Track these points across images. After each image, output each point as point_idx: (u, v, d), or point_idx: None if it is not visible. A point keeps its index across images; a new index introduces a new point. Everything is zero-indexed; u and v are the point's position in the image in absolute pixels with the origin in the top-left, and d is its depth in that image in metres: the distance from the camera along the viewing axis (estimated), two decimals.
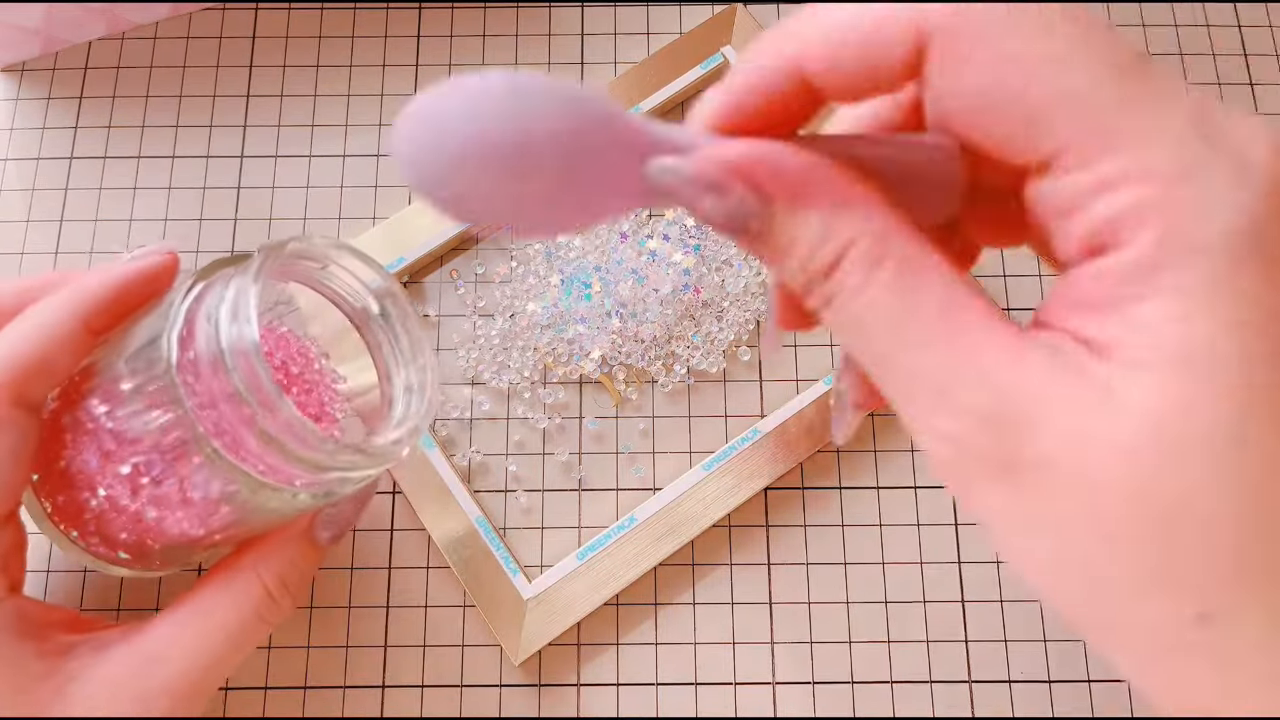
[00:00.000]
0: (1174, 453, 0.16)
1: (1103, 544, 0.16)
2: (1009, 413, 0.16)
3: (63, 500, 0.28)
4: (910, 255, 0.17)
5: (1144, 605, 0.16)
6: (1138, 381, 0.16)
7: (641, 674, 0.34)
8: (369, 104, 0.40)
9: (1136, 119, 0.16)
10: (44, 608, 0.29)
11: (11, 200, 0.39)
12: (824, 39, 0.17)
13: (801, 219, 0.17)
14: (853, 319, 0.17)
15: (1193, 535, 0.16)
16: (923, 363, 0.17)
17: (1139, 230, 0.16)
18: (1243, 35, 0.41)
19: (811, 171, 0.17)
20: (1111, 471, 0.16)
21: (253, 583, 0.28)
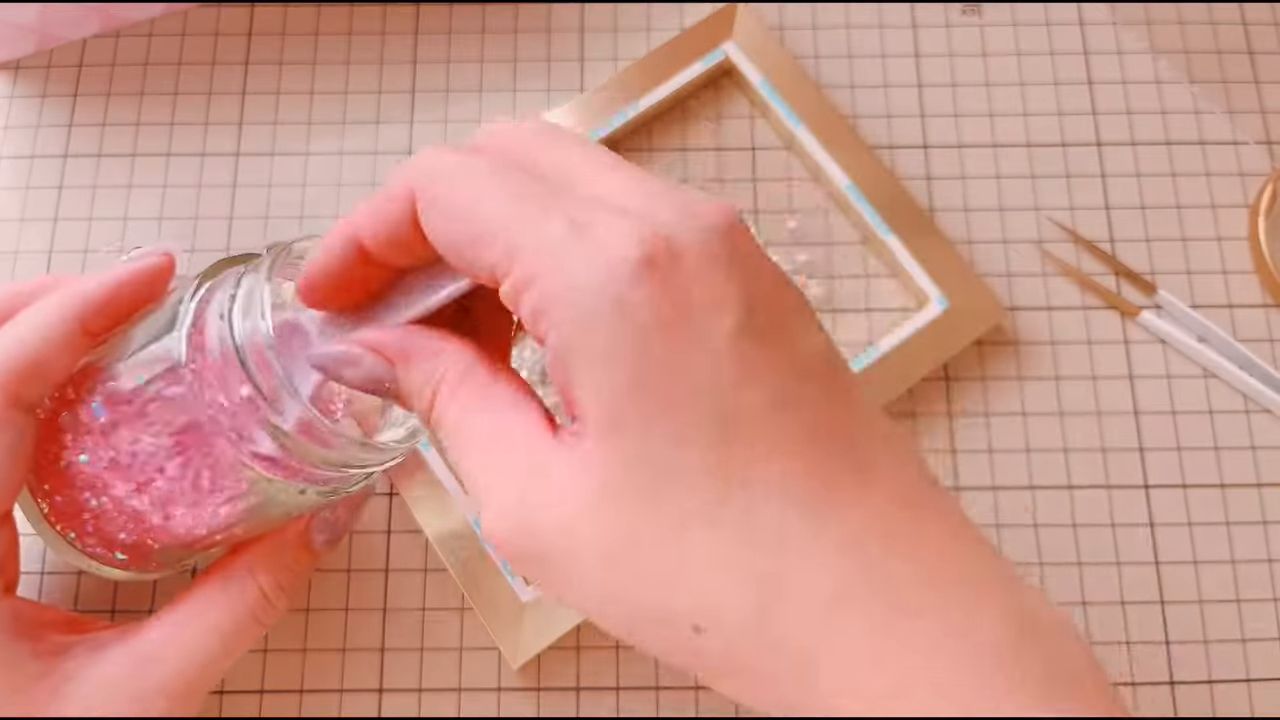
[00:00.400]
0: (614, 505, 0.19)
1: (604, 606, 0.20)
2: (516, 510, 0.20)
3: (61, 500, 0.28)
4: (479, 383, 0.21)
5: (656, 634, 0.19)
6: (587, 453, 0.19)
7: (642, 677, 0.34)
8: (366, 101, 0.40)
9: (528, 236, 0.19)
10: (39, 608, 0.29)
11: (6, 198, 0.39)
12: (368, 209, 0.22)
13: (414, 370, 0.22)
14: (447, 434, 0.22)
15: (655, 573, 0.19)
16: (477, 465, 0.21)
17: (547, 325, 0.19)
18: (1247, 34, 0.41)
19: (410, 337, 0.23)
20: (581, 541, 0.19)
21: (248, 584, 0.28)
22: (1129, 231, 0.38)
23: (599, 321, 0.19)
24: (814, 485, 0.19)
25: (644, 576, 0.19)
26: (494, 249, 0.20)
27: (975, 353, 0.37)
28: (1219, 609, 0.34)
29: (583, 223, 0.19)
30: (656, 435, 0.19)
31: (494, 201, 0.20)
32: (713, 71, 0.39)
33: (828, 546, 0.19)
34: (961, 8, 0.41)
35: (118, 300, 0.28)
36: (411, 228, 0.22)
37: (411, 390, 0.22)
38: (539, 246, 0.19)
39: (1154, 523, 0.35)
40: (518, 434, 0.21)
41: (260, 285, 0.24)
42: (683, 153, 0.39)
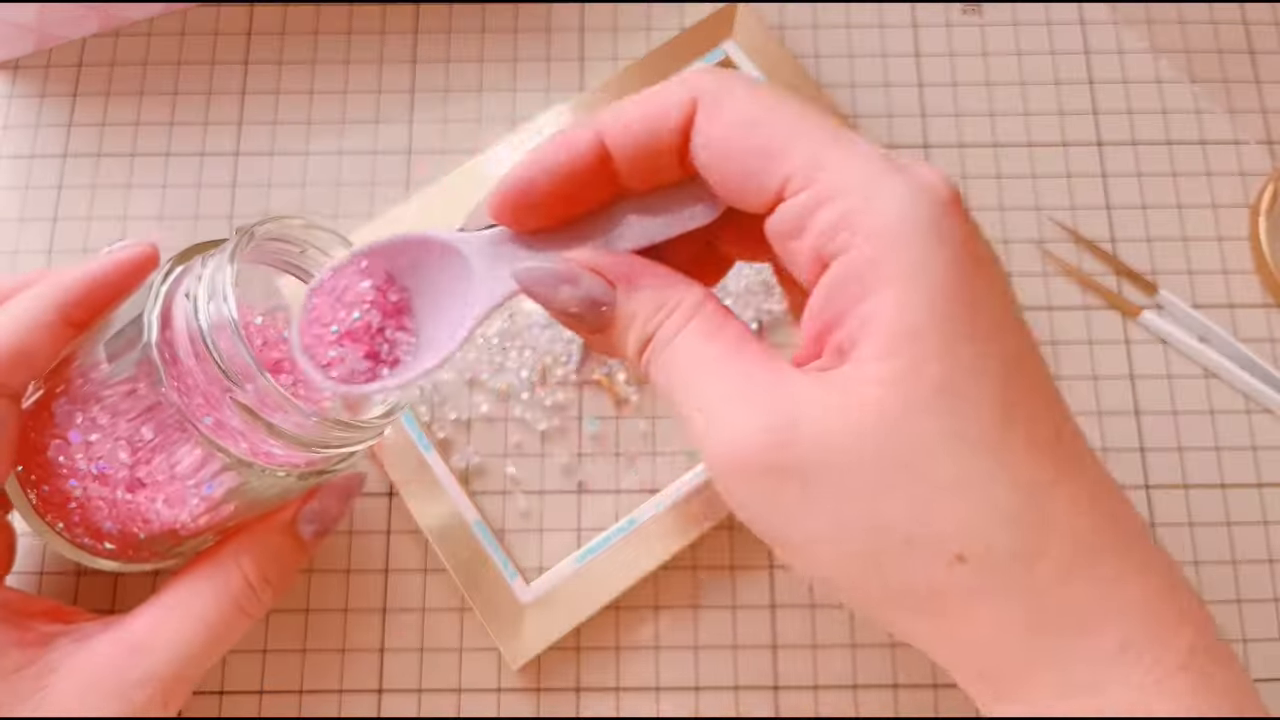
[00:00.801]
0: (906, 421, 0.19)
1: (859, 519, 0.19)
2: (770, 421, 0.20)
3: (48, 491, 0.28)
4: (710, 316, 0.22)
5: (907, 562, 0.19)
6: (871, 370, 0.19)
7: (642, 678, 0.34)
8: (366, 100, 0.40)
9: (840, 150, 0.20)
10: (26, 598, 0.29)
11: (4, 198, 0.39)
12: (621, 113, 0.22)
13: (640, 295, 0.22)
14: (668, 360, 0.22)
15: (935, 488, 0.19)
16: (715, 392, 0.21)
17: (851, 235, 0.19)
18: (1249, 33, 0.41)
19: (637, 263, 0.23)
20: (852, 447, 0.19)
21: (233, 574, 0.28)
22: (1130, 231, 0.38)
23: (916, 240, 0.19)
24: (1054, 449, 0.20)
25: (912, 495, 0.19)
26: (792, 159, 0.20)
27: None
28: (1219, 609, 0.34)
29: (893, 160, 0.20)
30: (956, 357, 0.19)
31: (791, 115, 0.21)
32: None
33: (1071, 508, 0.19)
34: (962, 7, 0.41)
35: (99, 290, 0.28)
36: (675, 140, 0.22)
37: (632, 315, 0.22)
38: (855, 165, 0.20)
39: (1155, 523, 0.35)
40: (760, 361, 0.21)
41: (224, 266, 0.24)
42: None
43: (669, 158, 0.22)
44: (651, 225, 0.23)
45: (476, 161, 0.38)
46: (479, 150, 0.39)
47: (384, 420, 0.27)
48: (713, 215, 0.23)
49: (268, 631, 0.34)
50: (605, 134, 0.22)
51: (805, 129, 0.20)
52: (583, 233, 0.24)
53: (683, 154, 0.22)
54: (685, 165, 0.22)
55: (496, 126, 0.39)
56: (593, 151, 0.22)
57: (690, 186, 0.23)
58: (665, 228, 0.23)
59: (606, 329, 0.23)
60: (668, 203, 0.23)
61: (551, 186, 0.23)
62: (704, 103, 0.21)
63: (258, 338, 0.30)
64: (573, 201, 0.23)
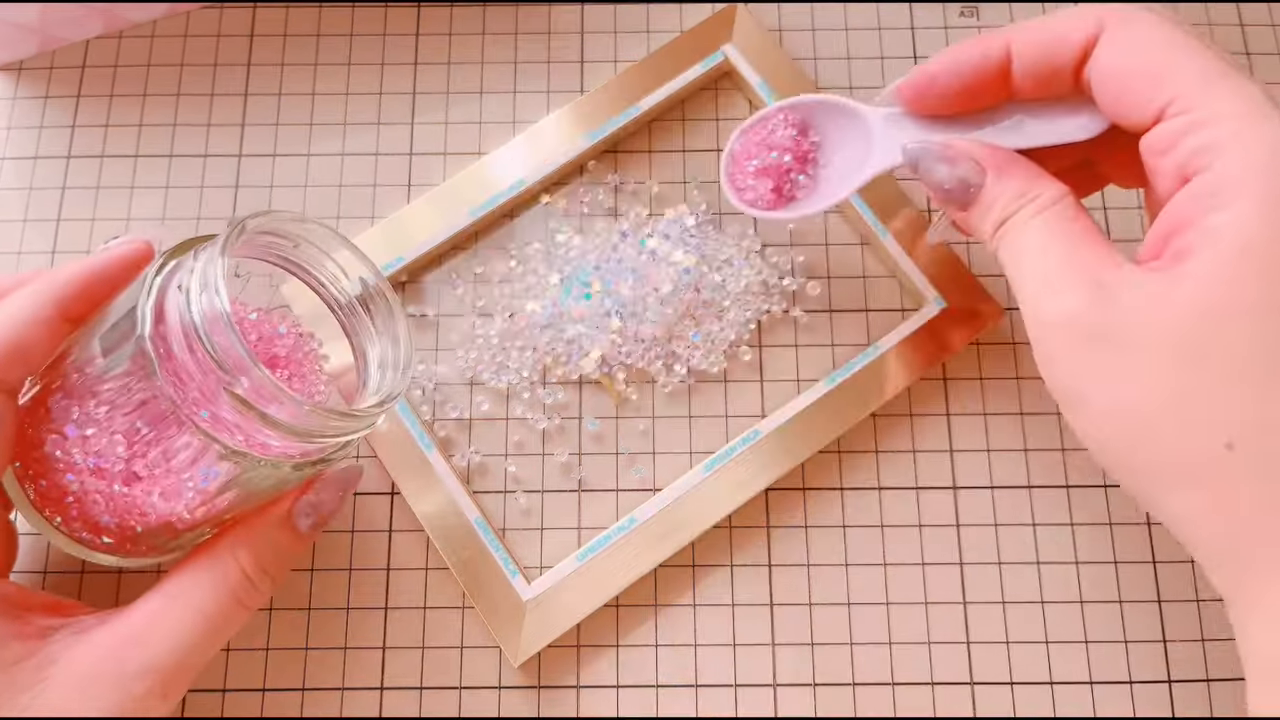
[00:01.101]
0: (1220, 319, 0.22)
1: (1154, 391, 0.22)
2: (1100, 296, 0.23)
3: (45, 485, 0.28)
4: (1065, 209, 0.25)
5: (1182, 439, 0.22)
6: (1200, 270, 0.22)
7: (642, 676, 0.34)
8: (367, 102, 0.40)
9: (1225, 83, 0.23)
10: (25, 592, 0.29)
11: (8, 199, 0.39)
12: (1032, 26, 0.26)
13: (1009, 182, 0.26)
14: (1017, 239, 0.25)
15: (1227, 380, 0.22)
16: (1053, 267, 0.24)
17: (1217, 157, 0.22)
18: (1245, 35, 0.41)
19: (1011, 156, 0.27)
20: (1168, 330, 0.22)
21: (230, 565, 0.28)
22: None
23: (1274, 173, 0.22)
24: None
25: (1206, 380, 0.22)
26: (1179, 86, 0.23)
27: (973, 353, 0.37)
28: (1215, 608, 0.34)
29: (1273, 96, 0.23)
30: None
31: (1187, 48, 0.23)
32: (712, 73, 0.39)
33: None
34: (960, 9, 0.42)
35: (95, 286, 0.28)
36: (1075, 56, 0.25)
37: (996, 199, 0.26)
38: (1237, 99, 0.23)
39: (1150, 521, 0.35)
40: (1100, 250, 0.24)
41: (216, 259, 0.25)
42: (682, 154, 0.39)
43: (1065, 72, 0.25)
44: (1037, 130, 0.27)
45: (478, 163, 0.38)
46: (480, 152, 0.39)
47: (377, 409, 0.27)
48: (1095, 131, 0.26)
49: (270, 629, 0.34)
50: (1013, 42, 0.26)
51: (1195, 61, 0.23)
52: (973, 124, 0.28)
53: (1077, 71, 0.25)
54: (1077, 82, 0.26)
55: (497, 128, 0.40)
56: (998, 55, 0.26)
57: (1077, 101, 0.26)
58: (1050, 134, 0.27)
59: (970, 207, 0.27)
60: (1055, 113, 0.27)
61: (955, 80, 0.27)
62: (1111, 23, 0.24)
63: (253, 333, 0.30)
64: (970, 96, 0.27)
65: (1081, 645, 0.34)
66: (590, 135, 0.38)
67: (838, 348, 0.37)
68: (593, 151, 0.39)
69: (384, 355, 0.29)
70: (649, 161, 0.39)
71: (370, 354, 0.30)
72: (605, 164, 0.39)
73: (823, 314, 0.37)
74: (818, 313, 0.37)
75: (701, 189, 0.39)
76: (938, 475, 0.36)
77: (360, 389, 0.30)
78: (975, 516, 0.35)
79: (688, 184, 0.39)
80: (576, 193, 0.39)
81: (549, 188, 0.39)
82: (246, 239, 0.26)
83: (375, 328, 0.30)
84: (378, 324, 0.30)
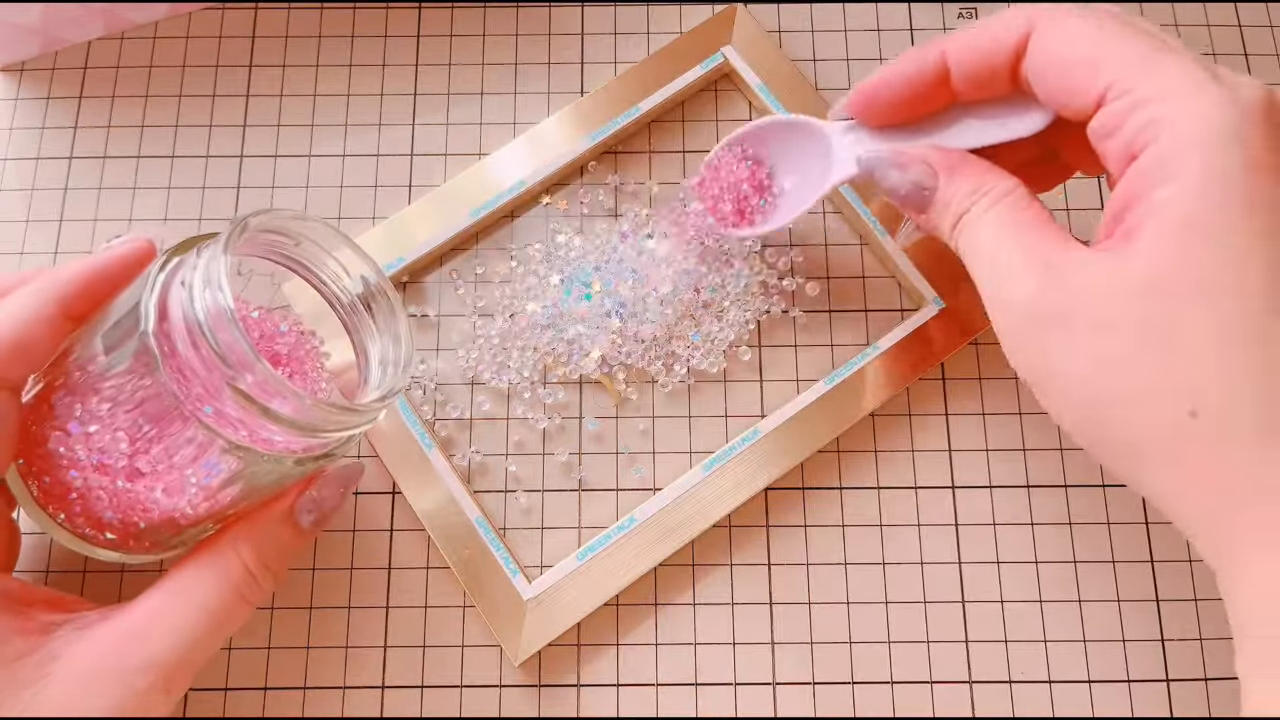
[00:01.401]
0: (1169, 292, 0.22)
1: (1112, 368, 0.23)
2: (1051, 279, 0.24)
3: (49, 482, 0.28)
4: (1016, 200, 0.26)
5: (1146, 413, 0.22)
6: (1146, 246, 0.22)
7: (642, 674, 0.34)
8: (369, 103, 0.40)
9: (1159, 62, 0.23)
10: (28, 588, 0.29)
11: (11, 200, 0.39)
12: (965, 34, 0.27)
13: (960, 181, 0.27)
14: (974, 232, 0.26)
15: (1182, 351, 0.22)
16: (1006, 256, 0.25)
17: (1160, 131, 0.22)
18: (1243, 35, 0.41)
19: (961, 156, 0.28)
20: (1121, 308, 0.22)
21: (232, 561, 0.28)
22: None
23: (1216, 142, 0.22)
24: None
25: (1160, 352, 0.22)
26: (1115, 69, 0.23)
27: (971, 353, 0.37)
28: (1213, 606, 0.34)
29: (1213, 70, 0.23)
30: (1226, 246, 0.22)
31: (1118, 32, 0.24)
32: (712, 74, 0.40)
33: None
34: (959, 10, 0.42)
35: (97, 284, 0.28)
36: (1009, 58, 0.26)
37: (950, 198, 0.27)
38: (1171, 72, 0.23)
39: (1149, 521, 0.36)
40: (1051, 236, 0.25)
41: (219, 255, 0.25)
42: (682, 155, 0.39)
43: (1002, 73, 0.26)
44: (985, 130, 0.28)
45: (478, 164, 0.38)
46: (481, 153, 0.39)
47: (379, 404, 0.28)
48: (1040, 125, 0.27)
49: (272, 628, 0.34)
50: (949, 50, 0.27)
51: (1128, 43, 0.24)
52: (925, 130, 0.29)
53: (1015, 71, 0.26)
54: (1015, 81, 0.26)
55: (498, 129, 0.40)
56: (935, 65, 0.27)
57: (1021, 99, 0.27)
58: (998, 132, 0.28)
59: (927, 209, 0.28)
60: (1001, 112, 0.28)
61: (898, 91, 0.28)
62: (1041, 22, 0.25)
63: (255, 331, 0.30)
64: (916, 105, 0.28)
65: (1080, 644, 0.34)
66: (590, 136, 0.38)
67: (837, 348, 0.37)
68: (593, 152, 0.39)
69: (385, 353, 0.30)
70: (649, 162, 0.39)
71: (371, 351, 0.30)
72: (605, 165, 0.39)
73: (822, 314, 0.38)
74: (817, 313, 0.38)
75: None
76: (936, 475, 0.36)
77: (361, 385, 0.30)
78: (974, 516, 0.36)
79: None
80: (577, 193, 0.39)
81: (549, 188, 0.39)
82: (249, 236, 0.27)
83: (376, 325, 0.30)
84: (379, 322, 0.30)
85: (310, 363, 0.31)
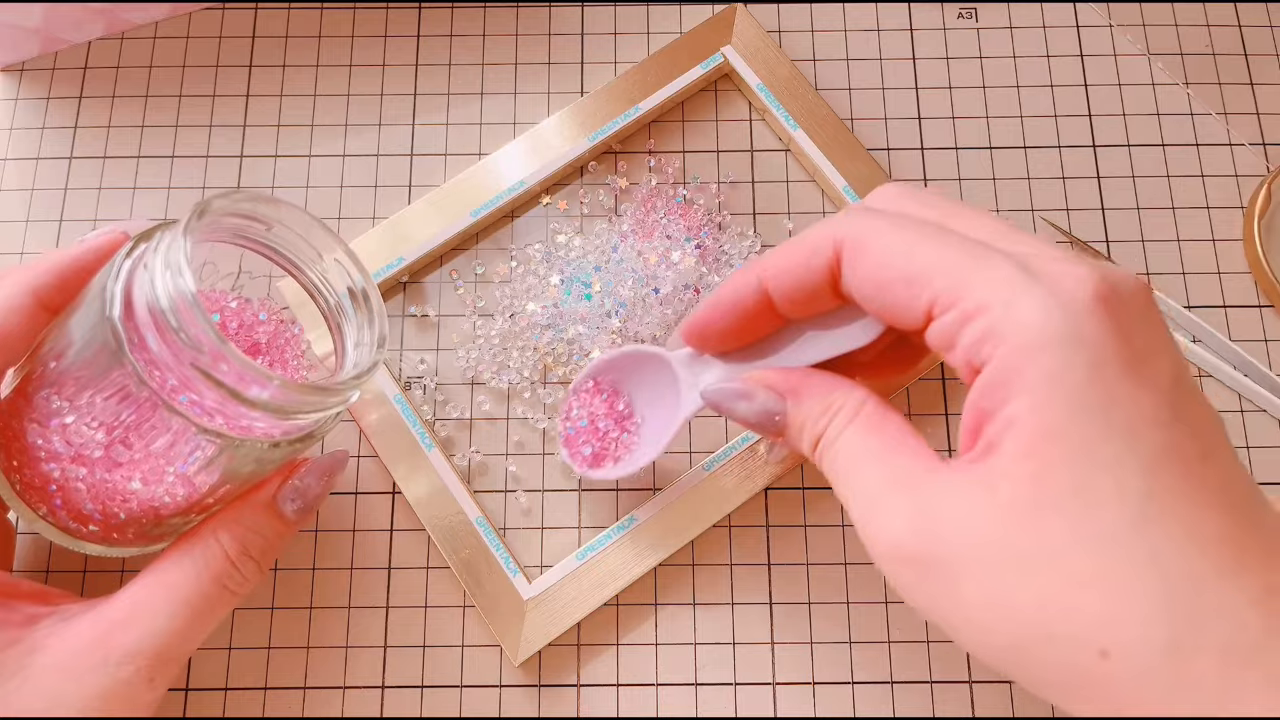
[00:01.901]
0: (1042, 513, 0.20)
1: (1005, 609, 0.20)
2: (921, 521, 0.21)
3: (29, 475, 0.28)
4: (870, 415, 0.24)
5: (1053, 655, 0.20)
6: (1008, 465, 0.20)
7: (642, 674, 0.34)
8: (369, 103, 0.40)
9: (978, 270, 0.22)
10: (12, 581, 0.29)
11: (11, 200, 0.39)
12: (777, 257, 0.25)
13: (807, 403, 0.26)
14: (833, 455, 0.24)
15: (1073, 579, 0.19)
16: (868, 486, 0.23)
17: (995, 345, 0.21)
18: (1243, 36, 0.41)
19: (804, 375, 0.26)
20: (996, 541, 0.20)
21: (213, 550, 0.28)
22: (1124, 233, 0.39)
23: (1053, 346, 0.20)
24: (1225, 539, 0.19)
25: (1048, 590, 0.19)
26: (935, 285, 0.22)
27: None
28: None
29: (1032, 266, 0.21)
30: (1092, 456, 0.20)
31: (930, 245, 0.22)
32: (711, 75, 0.40)
33: (1240, 600, 0.19)
34: (958, 10, 0.42)
35: (72, 275, 0.28)
36: (826, 278, 0.25)
37: (802, 421, 0.26)
38: (991, 280, 0.21)
39: None
40: (912, 456, 0.23)
41: (178, 239, 0.25)
42: (682, 155, 0.39)
43: (823, 293, 0.25)
44: (823, 343, 0.27)
45: (479, 164, 0.38)
46: (481, 153, 0.40)
47: (353, 383, 0.27)
48: (875, 334, 0.26)
49: (272, 628, 0.34)
50: (764, 277, 0.26)
51: (943, 254, 0.22)
52: (768, 349, 0.28)
53: (835, 288, 0.25)
54: (840, 297, 0.25)
55: (498, 129, 0.40)
56: (755, 293, 0.26)
57: (854, 310, 0.26)
58: (836, 345, 0.27)
59: (782, 433, 0.26)
60: (837, 323, 0.27)
61: (727, 322, 0.27)
62: (847, 245, 0.24)
63: (233, 320, 0.30)
64: (749, 330, 0.28)
65: None
66: (590, 136, 0.38)
67: None
68: (593, 152, 0.39)
69: (360, 333, 0.29)
70: (649, 162, 0.39)
71: (347, 332, 0.30)
72: (605, 165, 0.39)
73: None
74: None
75: (699, 189, 0.39)
76: None
77: (338, 367, 0.30)
78: None
79: (688, 185, 0.39)
80: (577, 193, 0.39)
81: (549, 189, 0.39)
82: (211, 220, 0.26)
83: (351, 307, 0.30)
84: (354, 303, 0.30)
85: (290, 350, 0.31)
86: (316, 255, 0.30)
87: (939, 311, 0.22)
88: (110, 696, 0.26)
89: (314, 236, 0.29)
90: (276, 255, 0.29)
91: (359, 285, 0.30)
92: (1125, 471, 0.20)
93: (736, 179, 0.39)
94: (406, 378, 0.37)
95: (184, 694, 0.34)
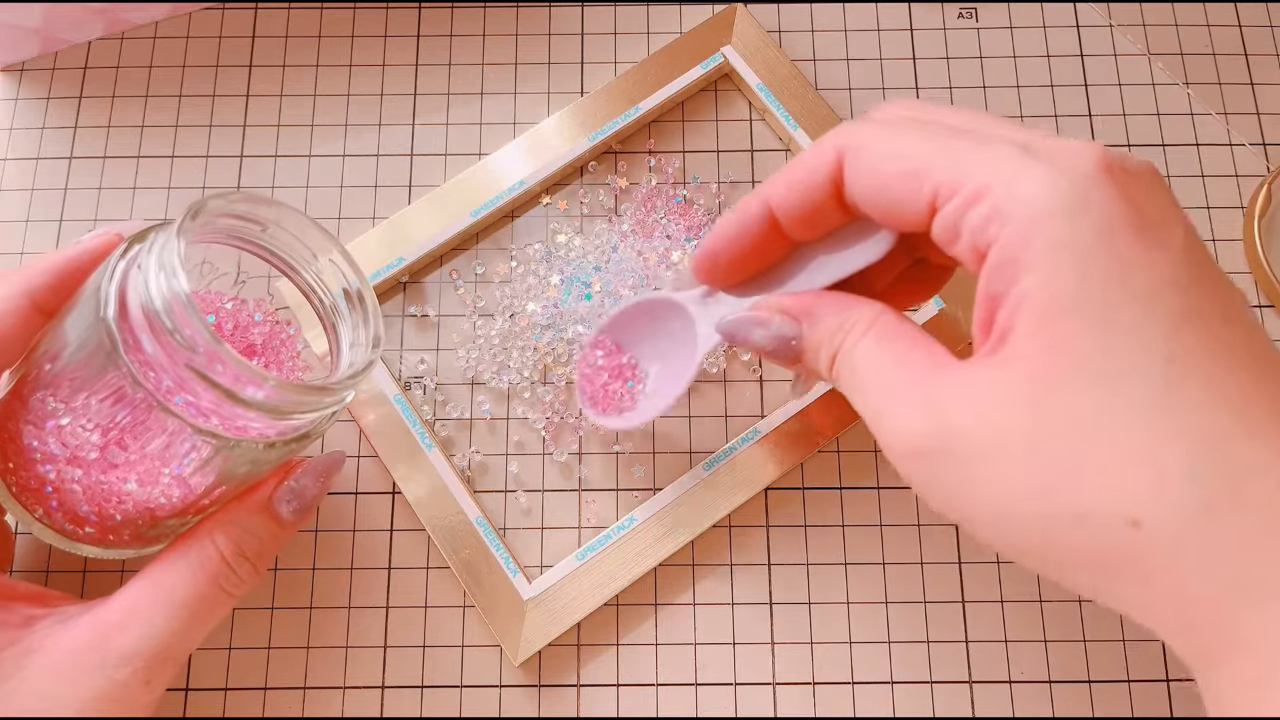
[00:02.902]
0: (1059, 391, 0.19)
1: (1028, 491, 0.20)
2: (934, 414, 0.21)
3: (25, 476, 0.28)
4: (884, 326, 0.24)
5: (1081, 534, 0.19)
6: (1022, 346, 0.20)
7: (642, 674, 0.34)
8: (369, 103, 0.40)
9: (976, 153, 0.21)
10: (9, 583, 0.29)
11: (11, 200, 0.39)
12: (780, 176, 0.25)
13: (822, 324, 0.25)
14: (849, 368, 0.24)
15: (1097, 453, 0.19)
16: (883, 391, 0.23)
17: (1001, 225, 0.21)
18: (1243, 36, 0.41)
19: (816, 298, 0.26)
20: (1010, 425, 0.20)
21: (209, 551, 0.28)
22: None
23: (1059, 214, 0.20)
24: (1255, 399, 0.19)
25: (1073, 468, 0.19)
26: (935, 175, 0.22)
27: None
28: None
29: (1033, 146, 0.21)
30: (1108, 324, 0.19)
31: (929, 139, 0.22)
32: (712, 74, 0.40)
33: (1275, 459, 0.18)
34: (959, 9, 0.42)
35: (67, 276, 0.28)
36: (830, 191, 0.24)
37: (819, 341, 0.25)
38: (991, 160, 0.21)
39: None
40: (926, 358, 0.23)
41: (172, 239, 0.25)
42: (682, 155, 0.39)
43: (829, 208, 0.25)
44: (834, 265, 0.27)
45: (479, 164, 0.38)
46: (481, 153, 0.40)
47: (349, 382, 0.27)
48: (887, 246, 0.26)
49: (272, 628, 0.34)
50: (770, 200, 0.25)
51: (941, 143, 0.22)
52: (779, 277, 0.28)
53: (840, 202, 0.25)
54: (846, 210, 0.25)
55: (498, 129, 0.40)
56: (762, 217, 0.26)
57: (862, 225, 0.26)
58: (848, 264, 0.26)
59: (800, 358, 0.26)
60: (845, 242, 0.26)
61: (735, 249, 0.27)
62: (849, 151, 0.24)
63: (229, 321, 0.30)
64: (759, 258, 0.27)
65: (1080, 644, 0.34)
66: (590, 136, 0.38)
67: None
68: (593, 152, 0.39)
69: (355, 334, 0.30)
70: (650, 162, 0.39)
71: (342, 332, 0.30)
72: (605, 165, 0.39)
73: None
74: None
75: (699, 189, 0.39)
76: None
77: (333, 369, 0.30)
78: None
79: (688, 185, 0.39)
80: (577, 193, 0.39)
81: (549, 189, 0.39)
82: (206, 221, 0.26)
83: (346, 307, 0.30)
84: (349, 304, 0.30)
85: (286, 351, 0.31)
86: (312, 256, 0.30)
87: (942, 201, 0.22)
88: (107, 698, 0.26)
89: (309, 237, 0.29)
90: (271, 256, 0.29)
91: (354, 286, 0.30)
92: (1145, 337, 0.19)
93: (736, 179, 0.39)
94: (406, 378, 0.37)
95: (184, 694, 0.34)
